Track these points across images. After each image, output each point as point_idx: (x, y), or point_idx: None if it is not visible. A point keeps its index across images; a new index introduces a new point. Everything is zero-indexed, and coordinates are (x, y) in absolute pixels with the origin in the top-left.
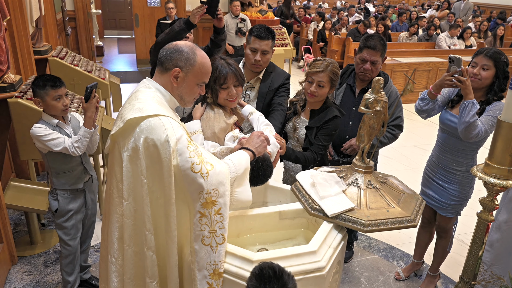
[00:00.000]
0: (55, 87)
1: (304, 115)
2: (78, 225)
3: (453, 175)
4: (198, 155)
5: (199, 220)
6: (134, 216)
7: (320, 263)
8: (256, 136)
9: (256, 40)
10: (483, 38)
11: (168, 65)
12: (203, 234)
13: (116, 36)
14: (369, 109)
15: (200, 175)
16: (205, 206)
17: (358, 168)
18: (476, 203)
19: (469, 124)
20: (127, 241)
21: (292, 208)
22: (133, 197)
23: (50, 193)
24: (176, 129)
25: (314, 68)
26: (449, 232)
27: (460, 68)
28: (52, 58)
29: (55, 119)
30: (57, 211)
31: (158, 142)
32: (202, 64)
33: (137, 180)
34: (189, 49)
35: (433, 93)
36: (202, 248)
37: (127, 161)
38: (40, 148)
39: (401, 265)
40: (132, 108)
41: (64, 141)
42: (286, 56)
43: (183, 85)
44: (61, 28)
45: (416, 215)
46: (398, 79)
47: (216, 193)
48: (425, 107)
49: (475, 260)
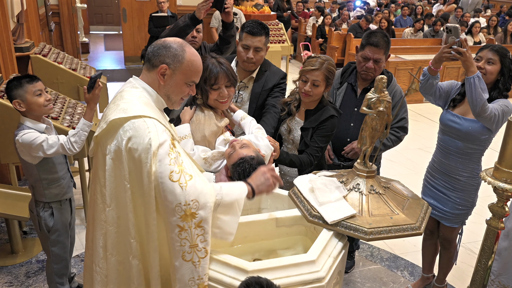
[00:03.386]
0: (31, 81)
1: (299, 116)
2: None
3: (457, 182)
4: (178, 164)
5: (179, 234)
6: (117, 223)
7: (320, 273)
8: (261, 173)
9: (248, 36)
10: (492, 34)
11: (155, 61)
12: (184, 249)
13: (103, 32)
14: (371, 109)
15: (178, 185)
16: (184, 219)
17: (360, 172)
18: (485, 209)
19: (482, 103)
20: (110, 249)
21: (290, 215)
22: (116, 203)
23: (42, 209)
24: (160, 133)
25: (308, 66)
26: (453, 243)
27: (458, 39)
28: (35, 56)
29: (42, 123)
30: (53, 227)
31: (140, 146)
32: (191, 62)
33: (120, 185)
34: (178, 45)
35: (433, 68)
36: (183, 265)
37: (110, 165)
38: (29, 160)
39: (405, 275)
40: (116, 108)
41: (58, 138)
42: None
43: (170, 83)
44: (44, 24)
45: (421, 222)
46: (402, 78)
47: (196, 205)
48: (425, 84)
49: (484, 270)
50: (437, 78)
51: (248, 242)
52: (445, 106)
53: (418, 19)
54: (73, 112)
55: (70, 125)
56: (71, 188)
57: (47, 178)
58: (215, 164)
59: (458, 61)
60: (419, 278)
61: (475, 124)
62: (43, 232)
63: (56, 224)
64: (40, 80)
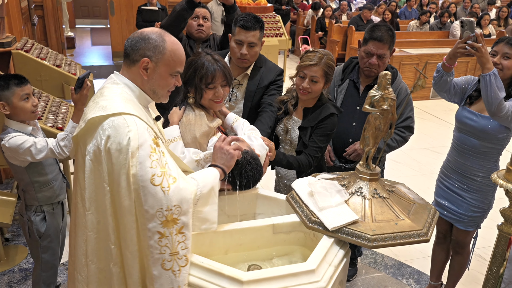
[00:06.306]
0: (20, 84)
1: (297, 115)
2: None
3: (473, 182)
4: (161, 165)
5: (159, 241)
6: (97, 228)
7: (320, 283)
8: (218, 150)
9: (241, 31)
10: (503, 26)
11: (135, 56)
12: (163, 257)
13: (89, 26)
14: (375, 108)
15: (160, 189)
16: (166, 225)
17: (363, 175)
18: (497, 213)
19: (498, 102)
20: (90, 256)
21: (288, 220)
22: (96, 207)
23: (33, 213)
24: (141, 132)
25: (306, 61)
26: (466, 248)
27: (474, 33)
28: (16, 51)
29: (28, 125)
30: (45, 232)
31: (119, 146)
32: (173, 51)
33: (99, 187)
34: (157, 35)
35: (447, 65)
36: (162, 274)
37: (89, 166)
38: (18, 163)
39: (411, 283)
40: (95, 106)
41: (46, 143)
42: (280, 48)
43: (154, 77)
44: (27, 17)
45: (428, 228)
46: (407, 73)
47: (178, 210)
48: (439, 81)
49: (496, 279)
50: (452, 74)
51: (243, 250)
52: (461, 103)
53: (424, 11)
54: (57, 111)
55: (54, 125)
56: (64, 189)
57: (38, 181)
58: (208, 166)
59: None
60: (426, 287)
61: (492, 122)
62: (33, 237)
63: (48, 229)
64: (29, 83)
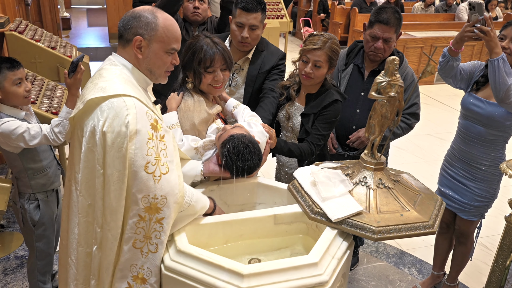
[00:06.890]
0: (13, 68)
1: (299, 101)
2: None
3: (478, 171)
4: (156, 153)
5: (137, 223)
6: (86, 212)
7: (322, 277)
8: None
9: (242, 13)
10: (510, 8)
11: (127, 35)
12: (137, 237)
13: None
14: (381, 95)
15: (152, 177)
16: (148, 211)
17: (367, 164)
18: (503, 202)
19: (506, 88)
20: (80, 240)
21: (289, 211)
22: (87, 189)
23: (27, 201)
24: (140, 117)
25: (310, 45)
26: (470, 238)
27: (482, 16)
28: (10, 33)
29: (21, 110)
30: (39, 220)
31: (117, 128)
32: (167, 27)
33: (93, 170)
34: (149, 12)
35: (454, 49)
36: (131, 250)
37: (85, 148)
38: (10, 150)
39: (413, 273)
40: (94, 87)
41: (40, 129)
42: (282, 30)
43: (149, 55)
44: None
45: (435, 220)
46: (412, 57)
47: (164, 201)
48: (445, 66)
49: (502, 271)
50: (458, 59)
51: (243, 240)
52: (468, 89)
53: None
54: (52, 95)
55: (48, 110)
56: (58, 176)
57: (32, 167)
58: (207, 153)
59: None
60: (428, 276)
61: (499, 109)
62: (27, 226)
63: (42, 217)
64: (22, 67)
